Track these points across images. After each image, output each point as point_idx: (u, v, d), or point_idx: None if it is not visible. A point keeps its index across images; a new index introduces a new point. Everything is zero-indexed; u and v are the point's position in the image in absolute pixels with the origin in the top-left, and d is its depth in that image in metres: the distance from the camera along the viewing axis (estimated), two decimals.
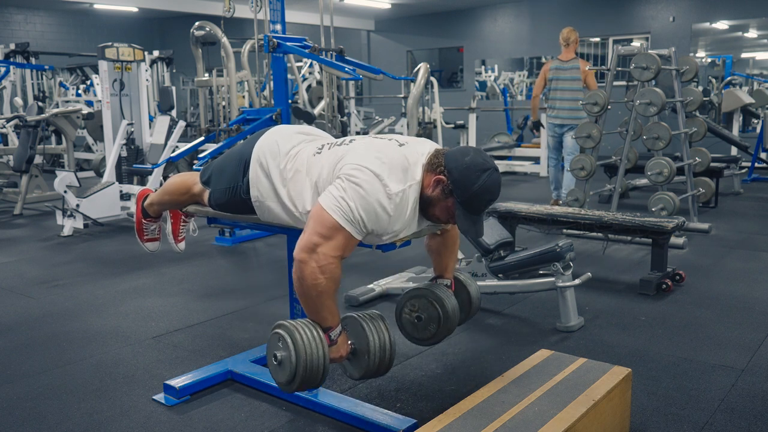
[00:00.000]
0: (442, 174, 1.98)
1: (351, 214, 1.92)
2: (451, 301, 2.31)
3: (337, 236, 1.93)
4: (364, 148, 2.04)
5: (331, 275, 1.94)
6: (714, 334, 3.26)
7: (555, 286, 3.36)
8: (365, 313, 2.15)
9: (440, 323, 2.29)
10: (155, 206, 2.66)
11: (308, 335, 1.96)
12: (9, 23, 14.12)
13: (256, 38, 4.87)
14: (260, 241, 5.55)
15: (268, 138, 2.24)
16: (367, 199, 1.91)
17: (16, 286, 4.34)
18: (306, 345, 1.94)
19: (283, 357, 1.99)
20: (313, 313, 2.01)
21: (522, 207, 4.42)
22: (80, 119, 8.23)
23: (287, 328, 1.99)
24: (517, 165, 9.84)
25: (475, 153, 2.01)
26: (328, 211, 1.93)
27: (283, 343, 1.99)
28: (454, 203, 1.99)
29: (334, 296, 2.00)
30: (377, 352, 2.07)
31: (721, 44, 12.09)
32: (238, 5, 5.79)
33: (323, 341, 1.97)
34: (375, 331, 2.08)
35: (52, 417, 2.53)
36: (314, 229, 1.95)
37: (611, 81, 5.94)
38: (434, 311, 2.29)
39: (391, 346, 2.10)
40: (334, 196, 1.94)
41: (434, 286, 2.35)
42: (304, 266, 1.93)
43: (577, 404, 2.03)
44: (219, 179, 2.33)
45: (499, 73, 13.75)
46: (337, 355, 2.05)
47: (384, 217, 1.95)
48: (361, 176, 1.93)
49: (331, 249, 1.93)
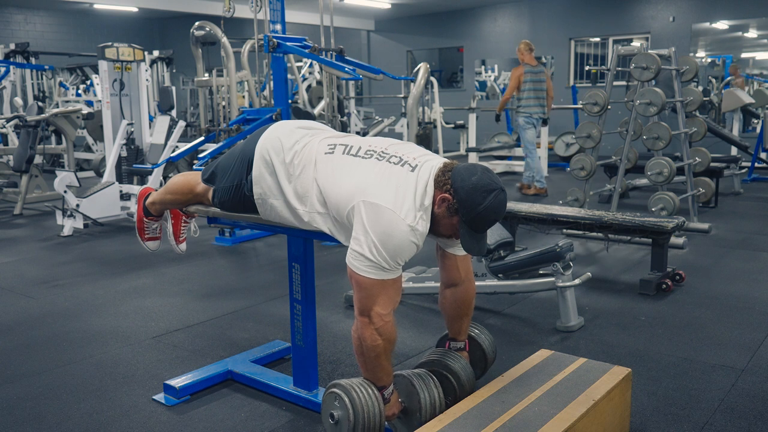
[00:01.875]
0: (449, 192, 1.97)
1: (385, 263, 1.93)
2: (467, 372, 2.29)
3: (382, 291, 1.97)
4: (376, 177, 1.99)
5: (388, 336, 2.00)
6: (714, 334, 3.26)
7: (555, 286, 3.36)
8: (413, 371, 2.19)
9: (456, 395, 2.26)
10: (157, 205, 2.65)
11: (365, 394, 2.01)
12: (9, 23, 14.12)
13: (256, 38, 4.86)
14: (260, 241, 5.55)
15: (271, 134, 2.24)
16: (395, 241, 1.92)
17: (16, 286, 4.34)
18: (363, 404, 1.99)
19: (341, 416, 2.03)
20: (369, 372, 2.06)
21: (522, 207, 4.42)
22: (80, 119, 8.23)
23: (344, 388, 2.03)
24: (517, 165, 9.83)
25: (483, 173, 2.00)
26: (364, 275, 1.95)
27: (339, 402, 2.03)
28: (459, 221, 2.00)
29: (390, 356, 2.05)
30: (428, 408, 2.10)
31: (721, 44, 12.10)
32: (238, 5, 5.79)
33: (380, 400, 2.03)
34: (426, 388, 2.12)
35: (52, 417, 2.53)
36: (360, 294, 1.99)
37: (611, 81, 5.95)
38: (449, 384, 2.27)
39: (441, 405, 2.12)
40: (362, 255, 1.93)
41: (447, 355, 2.33)
42: (365, 328, 1.99)
43: (577, 404, 2.03)
44: (223, 177, 2.33)
45: (499, 73, 13.75)
46: (390, 413, 2.10)
47: (412, 249, 1.97)
48: (382, 220, 1.92)
49: (382, 307, 1.98)
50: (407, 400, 2.15)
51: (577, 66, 12.67)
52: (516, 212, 4.34)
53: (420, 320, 3.54)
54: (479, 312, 3.63)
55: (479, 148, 9.65)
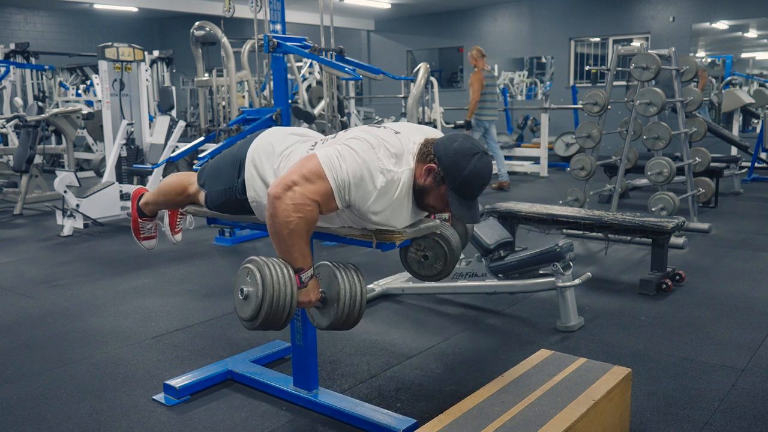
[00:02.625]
0: (433, 162, 1.99)
1: (338, 172, 1.92)
2: (455, 238, 2.30)
3: (318, 183, 1.92)
4: (359, 130, 2.07)
5: (305, 215, 1.90)
6: (714, 334, 3.26)
7: (555, 286, 3.36)
8: (340, 262, 2.10)
9: (446, 260, 2.29)
10: (151, 206, 2.65)
11: (278, 272, 1.93)
12: (9, 23, 14.12)
13: (256, 38, 4.86)
14: (260, 241, 5.55)
15: (263, 139, 2.26)
16: (358, 163, 1.92)
17: (16, 286, 4.34)
18: (274, 281, 1.91)
19: (250, 292, 1.96)
20: (284, 252, 1.98)
21: (522, 207, 4.43)
22: (80, 119, 8.23)
23: (257, 263, 1.97)
24: (517, 165, 9.84)
25: (464, 139, 2.03)
26: (318, 159, 1.94)
27: (251, 277, 1.96)
28: (447, 190, 2.00)
29: (306, 237, 1.97)
30: (347, 301, 2.01)
31: (721, 44, 12.09)
32: (238, 5, 5.79)
33: (293, 280, 1.94)
34: (347, 281, 2.03)
35: (52, 417, 2.53)
36: (297, 170, 1.94)
37: (611, 81, 5.95)
38: (440, 249, 2.28)
39: (362, 298, 2.04)
40: (328, 153, 1.96)
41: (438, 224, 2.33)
42: (278, 202, 1.90)
43: (577, 404, 2.03)
44: (214, 181, 2.34)
45: (499, 73, 13.74)
46: (306, 299, 2.01)
47: (369, 188, 1.93)
48: (358, 143, 1.96)
49: (309, 192, 1.90)
50: (328, 290, 2.06)
51: (577, 66, 12.68)
52: (516, 212, 4.34)
53: (420, 320, 3.54)
54: (479, 312, 3.64)
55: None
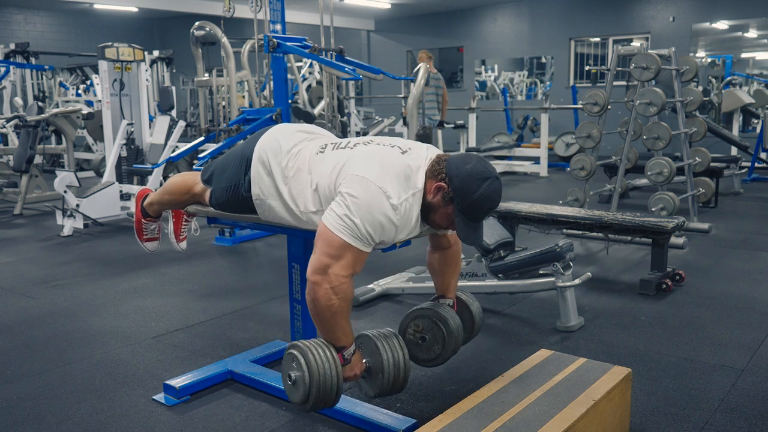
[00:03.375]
0: (443, 181, 1.98)
1: (357, 231, 1.92)
2: (456, 321, 2.29)
3: (346, 255, 1.94)
4: (365, 156, 2.02)
5: (344, 295, 1.96)
6: (714, 334, 3.26)
7: (555, 286, 3.36)
8: (379, 331, 2.16)
9: (445, 343, 2.28)
10: (155, 206, 2.65)
11: (321, 355, 1.98)
12: (9, 23, 14.12)
13: (256, 38, 4.86)
14: (260, 241, 5.55)
15: (270, 136, 2.24)
16: (372, 213, 1.91)
17: (16, 286, 4.34)
18: (319, 365, 1.97)
19: (297, 377, 2.02)
20: (326, 333, 2.03)
21: (522, 207, 4.42)
22: (80, 119, 8.23)
23: (300, 349, 2.01)
24: (517, 165, 9.84)
25: (477, 161, 2.01)
26: (334, 231, 1.93)
27: (296, 363, 2.01)
28: (454, 210, 1.99)
29: (347, 316, 2.02)
30: (392, 370, 2.08)
31: (721, 44, 12.09)
32: (238, 5, 5.79)
33: (336, 361, 2.00)
34: (389, 350, 2.10)
35: (52, 417, 2.53)
36: (323, 250, 1.95)
37: (611, 81, 5.95)
38: (438, 331, 2.27)
39: (406, 364, 2.11)
40: (338, 215, 1.93)
41: (437, 306, 2.33)
42: (318, 288, 1.95)
43: (577, 404, 2.03)
44: (220, 178, 2.33)
45: (499, 73, 13.75)
46: (351, 374, 2.07)
47: (390, 228, 1.95)
48: (364, 190, 1.92)
49: (342, 268, 1.94)
50: (372, 360, 2.11)
51: (577, 66, 12.68)
52: (516, 212, 4.34)
53: None
54: None
55: (479, 148, 9.65)
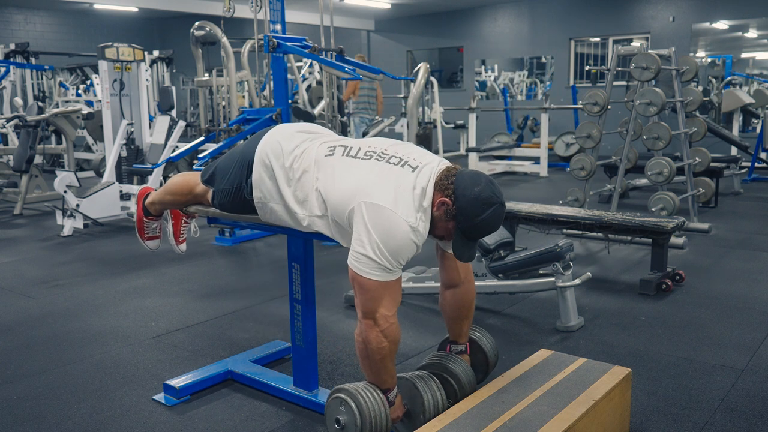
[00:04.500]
0: (449, 197, 1.97)
1: (388, 264, 1.93)
2: (467, 375, 2.28)
3: (386, 292, 1.96)
4: (378, 180, 1.99)
5: (394, 338, 2.00)
6: (714, 334, 3.26)
7: (555, 286, 3.36)
8: (415, 374, 2.19)
9: (457, 398, 2.25)
10: (156, 205, 2.65)
11: (371, 399, 2.01)
12: (9, 23, 14.11)
13: (256, 38, 4.86)
14: (260, 241, 5.55)
15: (270, 138, 2.23)
16: (396, 240, 1.92)
17: (16, 286, 4.34)
18: (370, 408, 1.99)
19: (347, 421, 2.03)
20: (374, 375, 2.05)
21: (522, 207, 4.42)
22: (80, 119, 8.23)
23: (349, 393, 2.03)
24: (517, 165, 9.84)
25: (486, 184, 1.99)
26: (366, 276, 1.94)
27: (345, 407, 2.02)
28: (454, 227, 2.00)
29: (394, 359, 2.05)
30: (431, 411, 2.10)
31: (721, 44, 12.09)
32: (238, 5, 5.78)
33: (385, 404, 2.02)
34: (428, 391, 2.12)
35: (52, 417, 2.53)
36: (364, 296, 1.98)
37: (611, 81, 5.95)
38: (450, 388, 2.27)
39: (443, 405, 2.13)
40: (365, 256, 1.93)
41: (448, 358, 2.32)
42: (370, 331, 1.98)
43: (577, 404, 2.03)
44: (222, 180, 2.32)
45: (499, 73, 13.75)
46: (394, 416, 2.09)
47: (413, 249, 1.97)
48: (382, 220, 1.91)
49: (387, 308, 1.97)
50: (410, 402, 2.14)
51: (577, 66, 12.67)
52: (516, 212, 4.34)
53: (420, 320, 3.54)
54: (479, 312, 3.63)
55: (479, 148, 9.65)
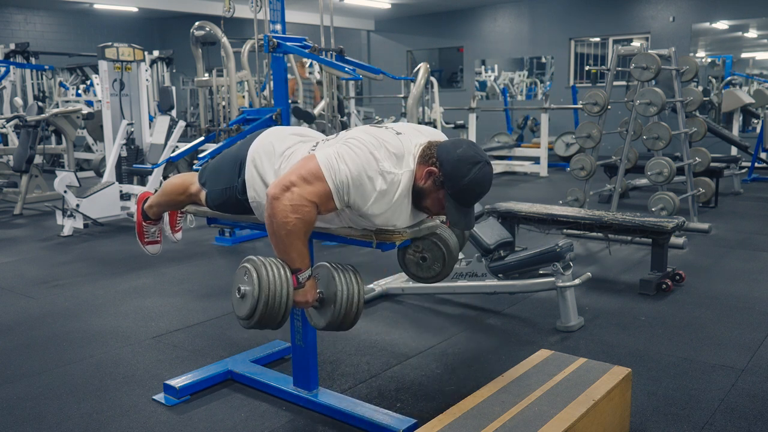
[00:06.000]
0: (434, 165, 1.99)
1: (337, 173, 1.92)
2: (453, 239, 2.30)
3: (316, 183, 1.93)
4: (360, 132, 2.06)
5: (303, 216, 1.91)
6: (714, 334, 3.26)
7: (555, 286, 3.36)
8: (339, 263, 2.11)
9: (445, 262, 2.28)
10: (154, 208, 2.66)
11: (274, 272, 1.94)
12: (9, 23, 14.11)
13: (256, 38, 4.86)
14: (260, 241, 5.55)
15: (264, 139, 2.25)
16: (358, 166, 1.92)
17: (16, 286, 4.34)
18: (270, 281, 1.93)
19: (247, 291, 1.98)
20: (281, 252, 1.99)
21: (522, 207, 4.42)
22: (80, 119, 8.23)
23: (254, 263, 1.98)
24: (517, 165, 9.84)
25: (468, 146, 2.02)
26: (317, 160, 1.94)
27: (248, 276, 1.98)
28: (445, 195, 2.00)
29: (305, 238, 1.97)
30: (344, 302, 2.03)
31: (721, 44, 12.09)
32: (238, 5, 5.78)
33: (289, 281, 1.95)
34: (345, 282, 2.04)
35: (52, 417, 2.53)
36: (296, 170, 1.95)
37: (611, 81, 5.95)
38: (438, 251, 2.28)
39: (359, 300, 2.05)
40: (327, 153, 1.96)
41: (436, 225, 2.33)
42: (276, 202, 1.92)
43: (577, 404, 2.03)
44: (215, 180, 2.34)
45: (499, 73, 13.75)
46: (303, 299, 2.02)
47: (368, 190, 1.93)
48: (357, 144, 1.96)
49: (308, 193, 1.91)
50: (326, 290, 2.08)
51: (577, 66, 12.67)
52: (516, 212, 4.34)
53: (420, 320, 3.54)
54: (479, 312, 3.64)
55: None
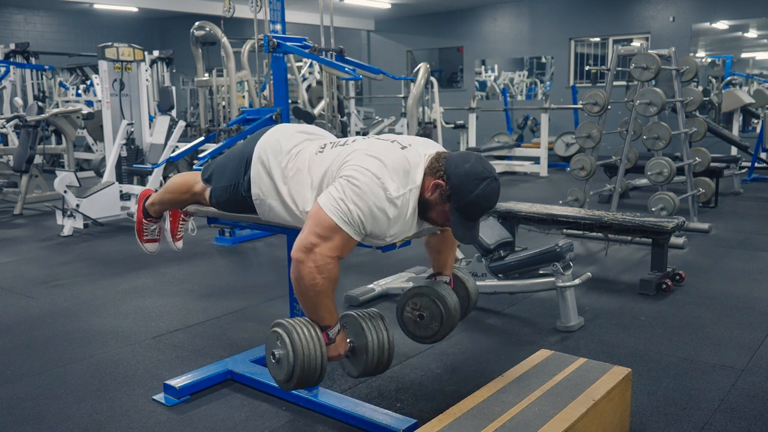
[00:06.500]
0: (441, 179, 1.97)
1: (349, 216, 1.91)
2: (453, 299, 2.30)
3: (335, 237, 1.93)
4: (365, 149, 2.02)
5: (329, 275, 1.94)
6: (714, 334, 3.26)
7: (555, 286, 3.36)
8: (364, 311, 2.15)
9: (443, 321, 2.29)
10: (156, 206, 2.65)
11: (306, 334, 1.97)
12: (9, 23, 14.11)
13: (256, 38, 4.86)
14: (260, 241, 5.55)
15: (270, 136, 2.24)
16: (367, 201, 1.91)
17: (16, 286, 4.34)
18: (303, 344, 1.95)
19: (281, 355, 2.00)
20: (311, 312, 2.02)
21: (522, 207, 4.42)
22: (80, 119, 8.23)
23: (285, 327, 1.99)
24: (517, 165, 9.84)
25: (476, 160, 2.00)
26: (327, 212, 1.92)
27: (281, 341, 2.00)
28: (451, 208, 1.99)
29: (332, 295, 2.00)
30: (376, 350, 2.08)
31: (721, 44, 12.09)
32: (238, 5, 5.78)
33: (321, 340, 1.98)
34: (374, 330, 2.09)
35: (52, 417, 2.53)
36: (312, 229, 1.94)
37: (611, 81, 5.95)
38: (436, 309, 2.28)
39: (390, 345, 2.10)
40: (334, 197, 1.93)
41: (435, 284, 2.34)
42: (302, 266, 1.93)
43: (577, 404, 2.03)
44: (220, 177, 2.34)
45: (499, 73, 13.75)
46: (336, 354, 2.06)
47: (383, 220, 1.94)
48: (361, 178, 1.92)
49: (329, 249, 1.93)
50: (356, 340, 2.11)
51: (577, 66, 12.67)
52: (516, 212, 4.34)
53: None
54: (479, 312, 3.63)
55: (479, 148, 9.66)
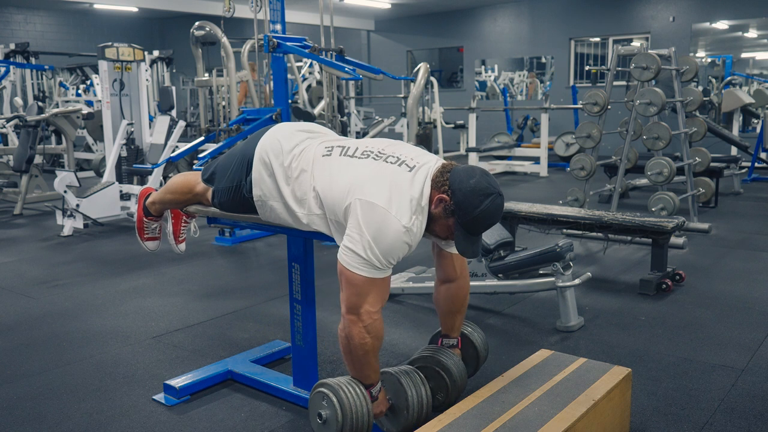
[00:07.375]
0: (446, 193, 1.97)
1: (377, 262, 1.93)
2: (459, 368, 2.30)
3: (372, 290, 1.96)
4: (373, 177, 1.99)
5: (377, 334, 2.00)
6: (714, 334, 3.26)
7: (555, 286, 3.36)
8: (400, 368, 2.19)
9: (449, 392, 2.28)
10: (157, 205, 2.65)
11: (353, 394, 2.01)
12: (9, 23, 14.11)
13: (256, 38, 4.86)
14: (260, 241, 5.55)
15: (270, 136, 2.23)
16: (387, 239, 1.92)
17: (16, 286, 4.34)
18: (351, 403, 1.99)
19: (329, 416, 2.03)
20: (357, 370, 2.06)
21: (522, 207, 4.42)
22: (80, 119, 8.23)
23: (331, 387, 2.03)
24: (517, 165, 9.84)
25: (481, 176, 1.99)
26: (354, 271, 1.94)
27: (327, 401, 2.03)
28: (455, 223, 1.99)
29: (377, 354, 2.05)
30: (416, 408, 2.11)
31: (721, 44, 12.09)
32: (238, 5, 5.78)
33: (367, 398, 2.03)
34: (413, 386, 2.12)
35: (52, 417, 2.53)
36: (350, 291, 1.98)
37: (611, 81, 5.95)
38: (442, 381, 2.28)
39: (428, 400, 2.13)
40: (355, 252, 1.93)
41: (440, 351, 2.34)
42: (353, 326, 1.98)
43: (577, 404, 2.03)
44: (222, 178, 2.33)
45: (499, 73, 13.75)
46: (377, 411, 2.10)
47: (404, 248, 1.97)
48: (375, 218, 1.91)
49: (372, 304, 1.98)
50: (394, 397, 2.14)
51: (577, 66, 12.67)
52: (516, 212, 4.34)
53: (420, 320, 3.54)
54: (479, 312, 3.63)
55: (479, 148, 9.65)
